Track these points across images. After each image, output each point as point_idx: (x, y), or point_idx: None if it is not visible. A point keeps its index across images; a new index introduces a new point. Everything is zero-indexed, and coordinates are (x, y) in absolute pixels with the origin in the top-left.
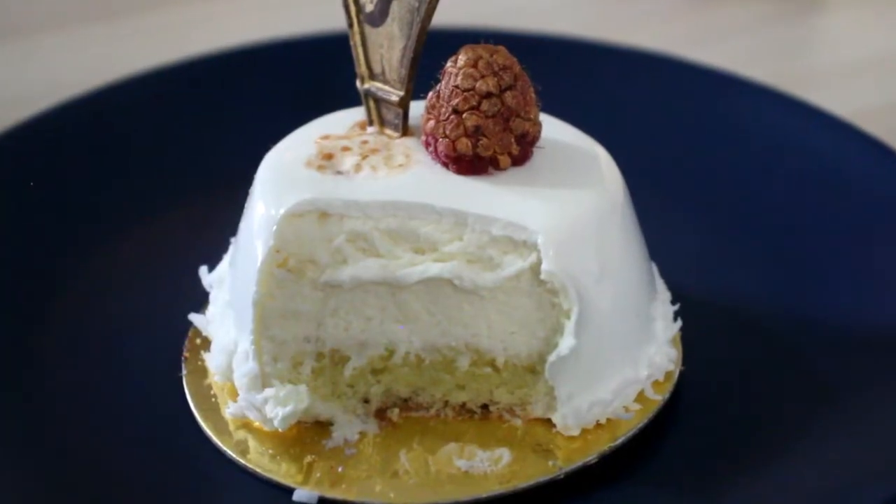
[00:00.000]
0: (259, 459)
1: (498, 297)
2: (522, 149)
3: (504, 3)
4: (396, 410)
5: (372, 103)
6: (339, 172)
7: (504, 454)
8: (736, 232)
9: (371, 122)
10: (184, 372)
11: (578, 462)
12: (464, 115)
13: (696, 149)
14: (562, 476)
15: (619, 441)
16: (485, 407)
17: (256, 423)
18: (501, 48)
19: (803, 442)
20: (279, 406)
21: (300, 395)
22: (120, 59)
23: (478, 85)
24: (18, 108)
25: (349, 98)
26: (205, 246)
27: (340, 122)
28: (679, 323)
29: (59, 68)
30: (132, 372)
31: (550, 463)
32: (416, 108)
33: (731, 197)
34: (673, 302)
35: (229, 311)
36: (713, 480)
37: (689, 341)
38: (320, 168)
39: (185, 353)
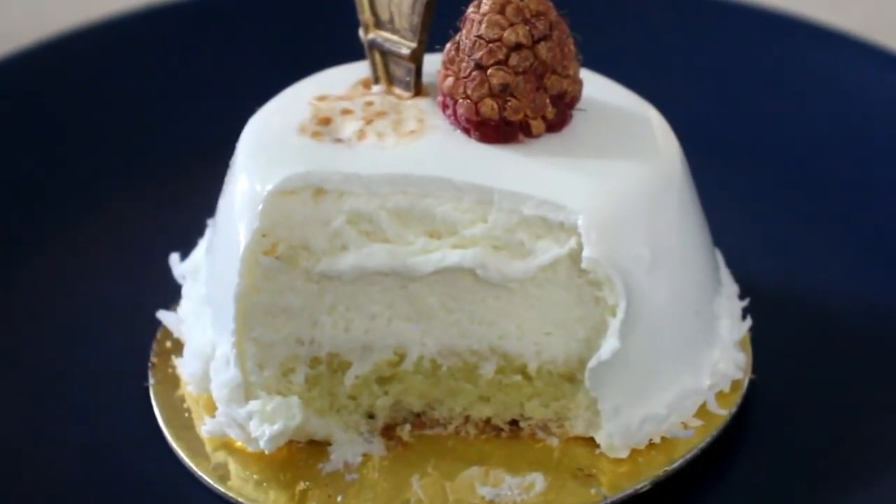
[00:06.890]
0: (242, 487)
1: (529, 290)
2: (559, 112)
3: None
4: (407, 427)
5: (378, 57)
6: (339, 140)
7: (537, 480)
8: (816, 213)
9: (377, 80)
10: (151, 381)
11: (627, 489)
12: (489, 72)
13: (769, 113)
14: None
15: (677, 464)
16: (514, 423)
17: (239, 443)
18: None
19: None
20: (266, 422)
21: (291, 409)
22: (73, 4)
23: (505, 35)
24: None
25: (350, 51)
26: (176, 229)
27: (340, 80)
28: (748, 322)
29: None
30: (89, 382)
31: (593, 490)
32: (432, 63)
33: (811, 171)
34: (741, 297)
35: (206, 308)
36: None
37: (761, 344)
38: (315, 135)
39: (153, 359)
